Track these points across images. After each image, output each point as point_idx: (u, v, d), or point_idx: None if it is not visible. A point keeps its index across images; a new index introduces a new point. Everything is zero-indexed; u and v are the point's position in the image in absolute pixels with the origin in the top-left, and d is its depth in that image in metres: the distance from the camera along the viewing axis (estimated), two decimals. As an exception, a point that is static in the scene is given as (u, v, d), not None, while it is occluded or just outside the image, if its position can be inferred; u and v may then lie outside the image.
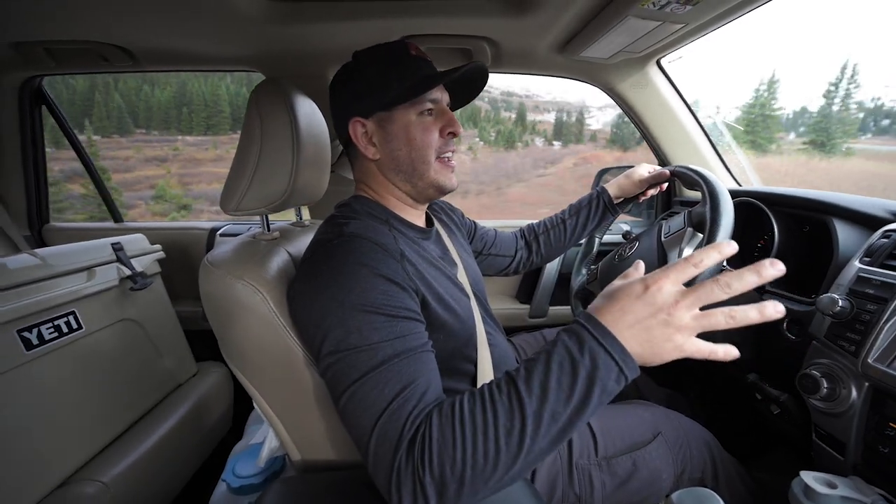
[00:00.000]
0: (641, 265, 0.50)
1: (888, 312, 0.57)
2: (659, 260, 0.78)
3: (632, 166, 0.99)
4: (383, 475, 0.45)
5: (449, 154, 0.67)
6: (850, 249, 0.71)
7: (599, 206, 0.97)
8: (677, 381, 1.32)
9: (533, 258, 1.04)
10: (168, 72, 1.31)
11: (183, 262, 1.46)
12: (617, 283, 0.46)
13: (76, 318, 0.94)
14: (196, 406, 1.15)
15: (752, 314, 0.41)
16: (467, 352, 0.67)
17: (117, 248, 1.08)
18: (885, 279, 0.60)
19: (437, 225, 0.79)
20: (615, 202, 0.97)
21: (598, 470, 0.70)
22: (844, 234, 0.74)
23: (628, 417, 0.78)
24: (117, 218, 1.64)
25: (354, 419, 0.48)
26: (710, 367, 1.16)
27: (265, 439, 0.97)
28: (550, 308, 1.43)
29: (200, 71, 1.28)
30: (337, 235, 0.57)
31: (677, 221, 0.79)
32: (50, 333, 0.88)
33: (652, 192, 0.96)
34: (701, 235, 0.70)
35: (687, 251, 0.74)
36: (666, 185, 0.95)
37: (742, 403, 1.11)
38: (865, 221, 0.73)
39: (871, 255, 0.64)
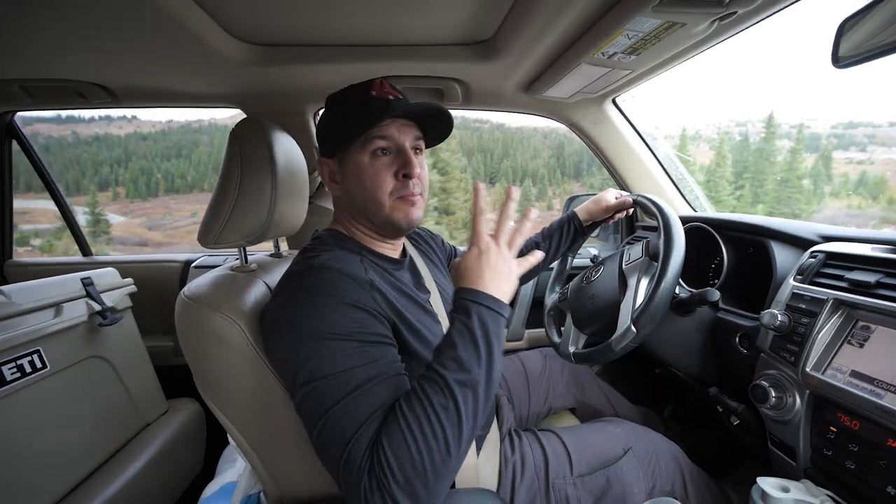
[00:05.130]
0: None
1: (818, 324, 0.64)
2: (619, 284, 0.83)
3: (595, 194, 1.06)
4: (357, 496, 0.46)
5: (407, 193, 0.66)
6: (786, 268, 0.78)
7: (570, 230, 1.03)
8: (651, 400, 1.37)
9: None
10: (146, 107, 1.33)
11: (155, 296, 1.43)
12: (461, 260, 0.56)
13: (41, 357, 0.91)
14: (166, 446, 1.10)
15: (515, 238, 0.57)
16: None
17: (87, 282, 1.06)
18: (814, 295, 0.67)
19: (411, 252, 0.82)
20: (584, 226, 1.04)
21: (573, 488, 0.72)
22: (781, 255, 0.82)
23: (600, 434, 0.81)
24: (86, 251, 1.60)
25: (328, 446, 0.49)
26: (681, 384, 1.21)
27: (239, 477, 0.94)
28: (526, 331, 1.47)
29: (180, 107, 1.31)
30: (307, 268, 0.59)
31: (637, 250, 0.85)
32: (12, 374, 0.84)
33: (619, 215, 1.03)
34: (657, 264, 0.76)
35: (643, 281, 0.79)
36: (632, 210, 1.03)
37: (713, 418, 1.16)
38: (798, 243, 0.81)
39: (803, 274, 0.72)
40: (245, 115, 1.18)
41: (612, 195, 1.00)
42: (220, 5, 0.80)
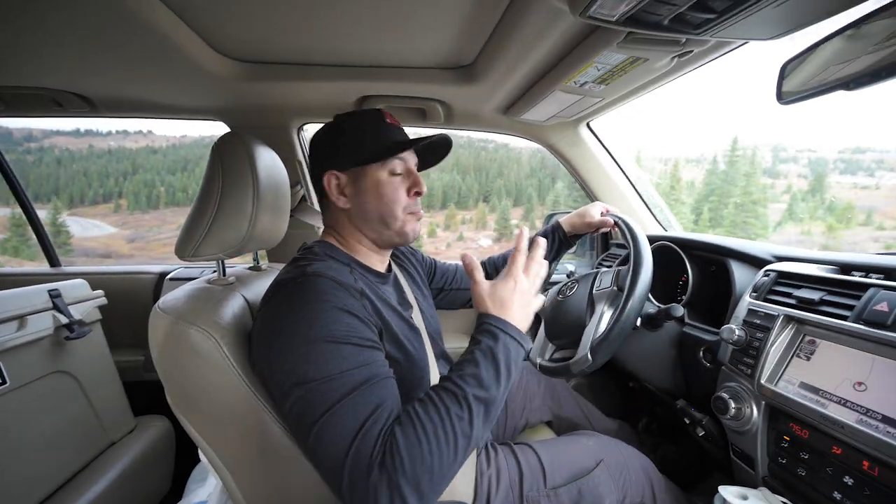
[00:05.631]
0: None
1: (771, 339, 0.69)
2: (588, 307, 0.88)
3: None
4: (360, 493, 0.48)
5: (416, 209, 0.74)
6: (744, 286, 0.84)
7: (555, 241, 1.05)
8: (625, 412, 1.40)
9: None
10: (126, 118, 1.32)
11: (127, 309, 1.38)
12: (495, 288, 0.62)
13: (0, 372, 0.87)
14: (132, 465, 1.06)
15: (540, 269, 0.66)
16: (419, 391, 0.70)
17: (55, 294, 1.02)
18: (766, 311, 0.72)
19: (395, 269, 0.84)
20: (568, 237, 1.06)
21: (547, 500, 0.73)
22: (739, 273, 0.87)
23: (574, 447, 0.82)
24: (54, 262, 1.54)
25: (327, 446, 0.50)
26: (654, 398, 1.25)
27: (209, 497, 0.92)
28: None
29: (161, 118, 1.30)
30: (300, 275, 0.61)
31: (608, 278, 0.88)
32: (-32, 390, 0.81)
33: (603, 229, 1.05)
34: (622, 296, 0.79)
35: (607, 311, 0.83)
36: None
37: (682, 431, 1.20)
38: (754, 262, 0.87)
39: (757, 291, 0.77)
40: (227, 129, 1.19)
41: (597, 211, 1.02)
42: (206, 22, 0.82)
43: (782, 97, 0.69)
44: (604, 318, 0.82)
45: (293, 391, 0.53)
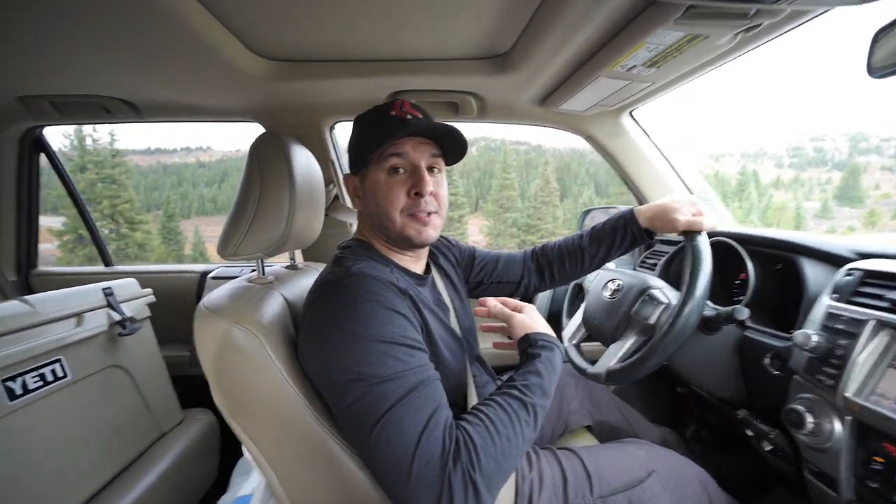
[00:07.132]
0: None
1: (859, 346, 0.60)
2: (621, 322, 0.84)
3: (614, 207, 1.02)
4: (432, 489, 0.49)
5: (418, 211, 0.67)
6: (818, 286, 0.75)
7: (627, 237, 0.86)
8: (672, 419, 1.32)
9: (546, 283, 0.98)
10: (168, 122, 1.37)
11: (172, 306, 1.44)
12: (533, 314, 0.74)
13: (62, 366, 0.92)
14: (181, 456, 1.10)
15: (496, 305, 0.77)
16: (455, 396, 0.68)
17: (108, 293, 1.08)
18: (852, 315, 0.64)
19: (433, 271, 0.82)
20: (643, 230, 0.85)
21: None
22: (813, 271, 0.78)
23: (621, 455, 0.77)
24: (108, 262, 1.63)
25: (391, 446, 0.50)
26: (705, 404, 1.16)
27: (254, 490, 0.94)
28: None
29: (200, 121, 1.34)
30: (346, 274, 0.60)
31: (649, 308, 0.80)
32: (35, 382, 0.86)
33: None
34: (654, 333, 0.76)
35: (635, 342, 0.80)
36: None
37: (739, 441, 1.11)
38: (830, 260, 0.78)
39: (839, 292, 0.68)
40: (263, 129, 1.21)
41: (686, 210, 0.78)
42: (241, 23, 0.82)
43: (873, 70, 0.61)
44: (630, 347, 0.79)
45: (351, 389, 0.53)
